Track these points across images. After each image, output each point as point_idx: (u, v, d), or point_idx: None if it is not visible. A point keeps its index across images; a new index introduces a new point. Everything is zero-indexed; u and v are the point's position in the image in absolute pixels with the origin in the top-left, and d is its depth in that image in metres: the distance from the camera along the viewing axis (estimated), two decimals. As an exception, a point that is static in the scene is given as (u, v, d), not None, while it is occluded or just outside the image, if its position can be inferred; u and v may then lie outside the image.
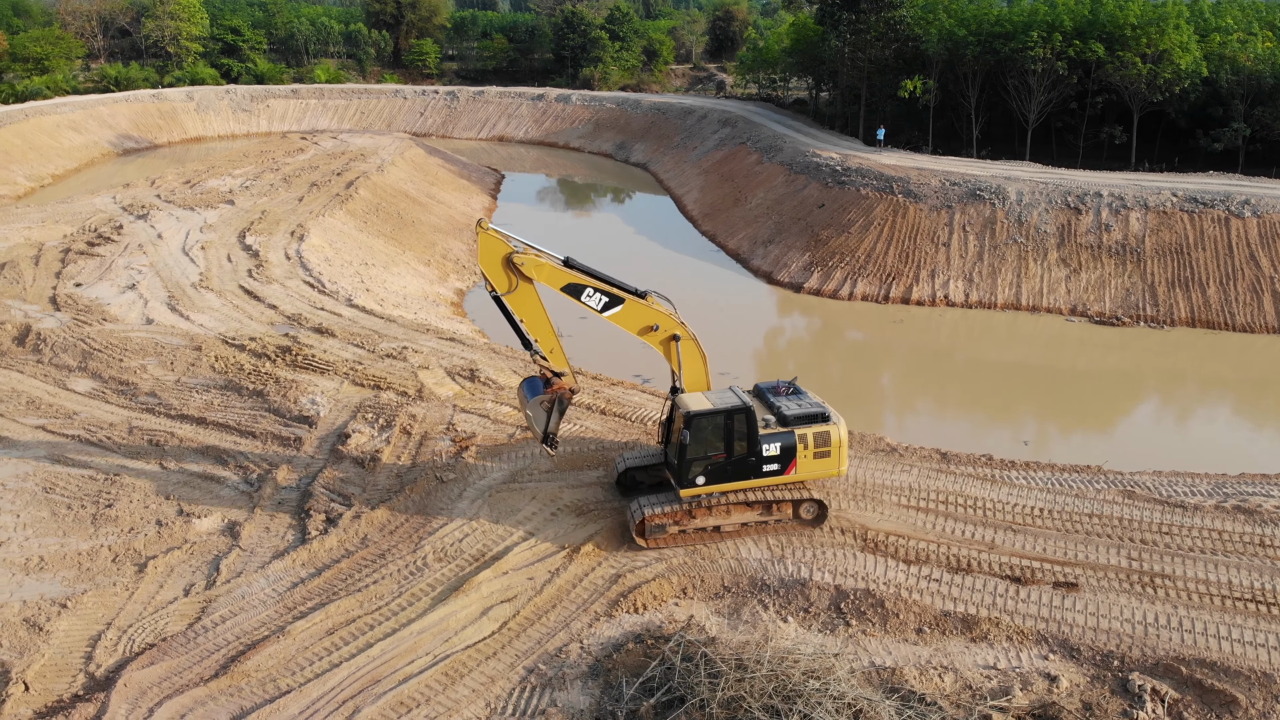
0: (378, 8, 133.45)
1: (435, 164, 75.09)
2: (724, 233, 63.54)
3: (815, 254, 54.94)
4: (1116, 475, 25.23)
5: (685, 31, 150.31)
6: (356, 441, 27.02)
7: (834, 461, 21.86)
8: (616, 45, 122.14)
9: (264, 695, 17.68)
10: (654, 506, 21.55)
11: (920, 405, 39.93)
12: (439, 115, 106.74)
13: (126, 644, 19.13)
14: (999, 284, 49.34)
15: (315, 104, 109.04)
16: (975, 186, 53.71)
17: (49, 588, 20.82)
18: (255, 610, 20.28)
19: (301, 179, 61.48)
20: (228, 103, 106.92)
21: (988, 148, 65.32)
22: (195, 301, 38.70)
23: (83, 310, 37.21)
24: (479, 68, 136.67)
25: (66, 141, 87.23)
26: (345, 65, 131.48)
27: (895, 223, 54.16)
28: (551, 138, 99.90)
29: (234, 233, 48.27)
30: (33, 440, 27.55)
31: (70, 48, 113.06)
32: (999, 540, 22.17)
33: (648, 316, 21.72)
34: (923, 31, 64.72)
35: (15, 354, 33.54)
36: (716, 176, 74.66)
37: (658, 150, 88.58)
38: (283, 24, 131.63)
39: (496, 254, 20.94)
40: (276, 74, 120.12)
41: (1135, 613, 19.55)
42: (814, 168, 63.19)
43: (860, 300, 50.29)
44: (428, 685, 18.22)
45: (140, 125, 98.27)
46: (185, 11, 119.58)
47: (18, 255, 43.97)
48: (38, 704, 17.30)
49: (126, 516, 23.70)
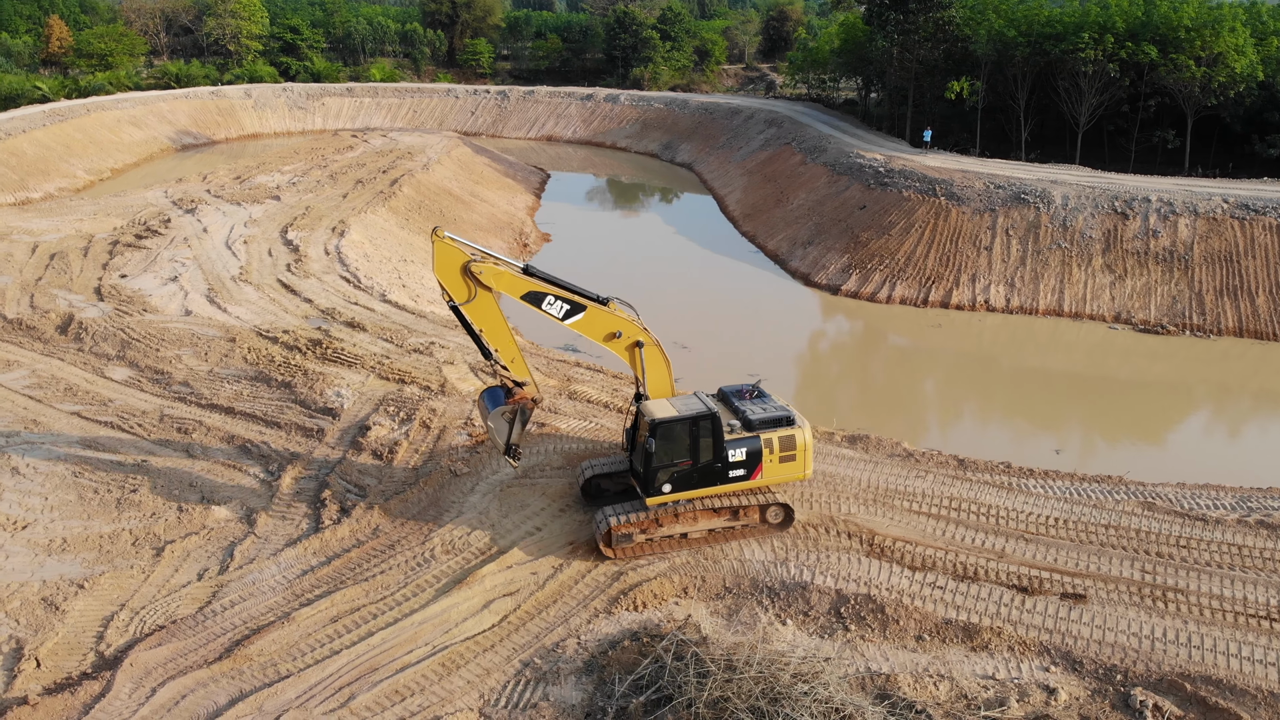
0: (433, 7, 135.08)
1: (481, 163, 75.80)
2: (764, 233, 63.27)
3: (854, 256, 54.44)
4: (1138, 486, 24.64)
5: (739, 31, 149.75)
6: (376, 434, 27.43)
7: (799, 465, 21.82)
8: (667, 45, 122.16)
9: (263, 679, 18.07)
10: (620, 516, 21.26)
11: (954, 411, 39.44)
12: (490, 114, 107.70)
13: (138, 625, 19.68)
14: (1041, 289, 48.44)
15: (369, 102, 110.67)
16: (1020, 190, 52.77)
17: (69, 568, 21.49)
18: (264, 596, 20.72)
19: (348, 176, 62.51)
20: (284, 100, 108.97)
21: (1037, 150, 64.15)
22: (233, 294, 39.58)
23: (125, 301, 38.28)
24: (532, 67, 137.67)
25: (127, 137, 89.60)
26: (401, 64, 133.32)
27: (936, 225, 53.44)
28: (599, 137, 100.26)
29: (277, 228, 49.26)
30: (67, 426, 28.42)
31: (134, 45, 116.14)
32: (1010, 549, 21.80)
33: (610, 323, 21.21)
34: (971, 32, 63.71)
35: (58, 342, 34.62)
36: (760, 177, 74.34)
37: (703, 150, 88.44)
38: (340, 23, 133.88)
39: (454, 263, 20.27)
40: (333, 72, 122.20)
41: (1143, 627, 19.10)
42: (857, 169, 62.62)
43: (898, 303, 49.71)
44: (424, 675, 18.46)
45: (199, 121, 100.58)
46: (246, 10, 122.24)
47: (68, 246, 45.37)
48: (47, 680, 17.87)
49: (149, 502, 24.35)
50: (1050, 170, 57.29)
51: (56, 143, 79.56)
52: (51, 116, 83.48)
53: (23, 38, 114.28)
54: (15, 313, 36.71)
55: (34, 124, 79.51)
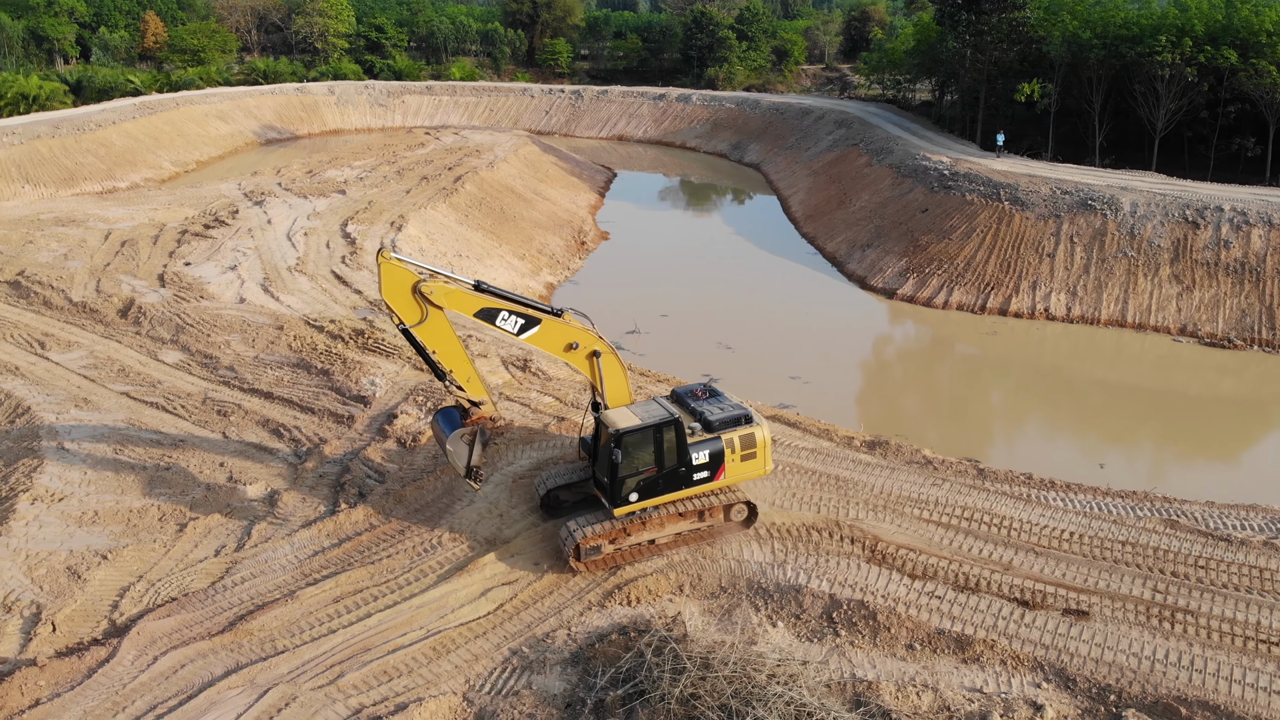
0: (515, 7, 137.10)
1: (548, 161, 76.63)
2: (824, 235, 62.68)
3: (913, 260, 53.58)
4: (1164, 503, 23.80)
5: (820, 32, 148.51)
6: (403, 423, 28.07)
7: (760, 462, 21.81)
8: (743, 45, 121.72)
9: (260, 653, 18.70)
10: (587, 529, 20.91)
11: (1000, 419, 38.57)
12: (563, 114, 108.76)
13: (152, 596, 20.54)
14: (1104, 299, 46.99)
15: (447, 100, 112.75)
16: (1087, 196, 51.26)
17: (96, 540, 22.51)
18: (273, 574, 21.41)
19: (414, 172, 63.88)
20: (366, 97, 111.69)
21: (1112, 156, 62.16)
22: (287, 284, 40.86)
23: (184, 288, 39.84)
24: (610, 67, 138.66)
25: (213, 130, 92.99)
26: (481, 63, 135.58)
27: (999, 230, 52.26)
28: (669, 137, 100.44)
29: (338, 221, 50.64)
30: (116, 405, 29.75)
31: (225, 41, 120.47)
32: (1017, 562, 21.29)
33: (567, 334, 20.81)
34: (1045, 33, 62.05)
35: (118, 325, 36.23)
36: (825, 178, 73.62)
37: (771, 151, 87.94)
38: (424, 22, 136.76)
39: (403, 284, 19.55)
40: (414, 71, 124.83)
41: (1145, 647, 18.47)
42: (921, 171, 61.58)
43: (955, 309, 48.80)
44: (414, 657, 18.88)
45: (283, 117, 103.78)
46: (333, 9, 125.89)
47: (139, 234, 47.41)
48: (60, 644, 18.78)
49: (180, 479, 25.35)
50: (1122, 176, 55.46)
51: (145, 135, 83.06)
52: (142, 109, 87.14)
53: (120, 32, 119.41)
54: (81, 296, 38.52)
55: (124, 116, 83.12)
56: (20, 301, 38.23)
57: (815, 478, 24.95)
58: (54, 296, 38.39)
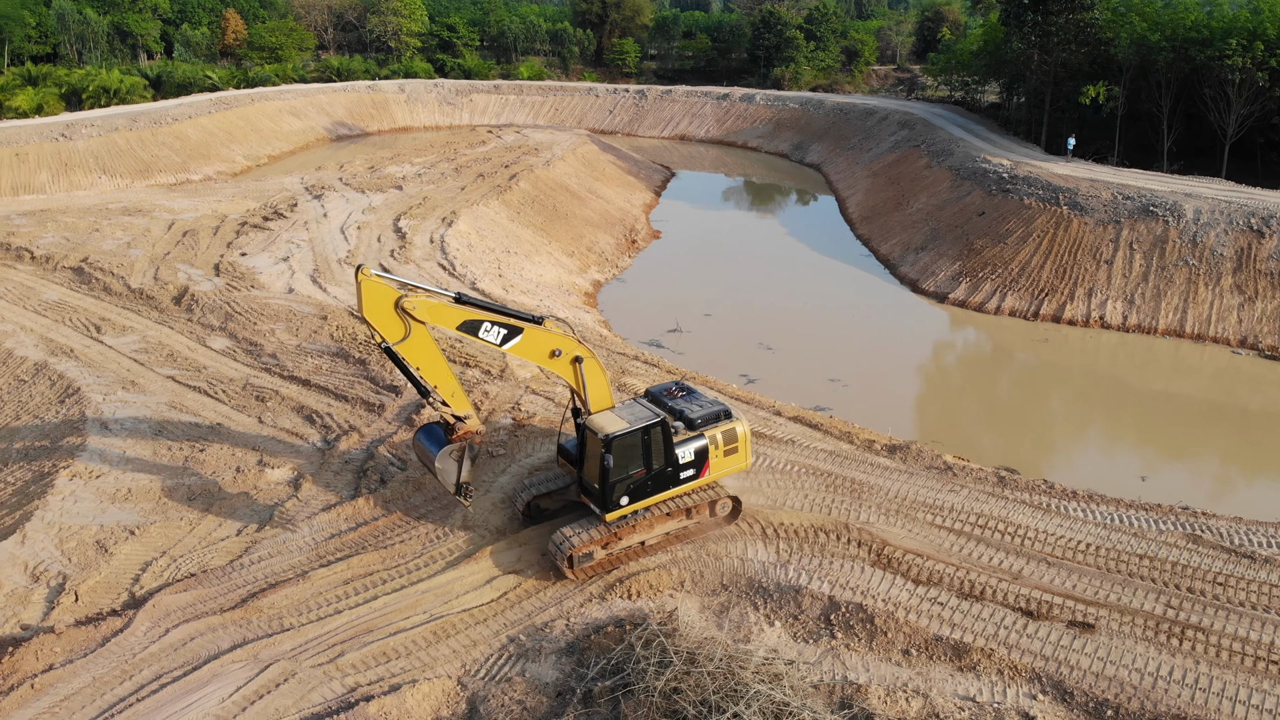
0: (584, 7, 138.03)
1: (606, 160, 77.06)
2: (878, 237, 61.98)
3: (966, 264, 52.70)
4: (1188, 517, 23.10)
5: (892, 32, 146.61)
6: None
7: (742, 456, 21.94)
8: (811, 45, 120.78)
9: (266, 630, 19.33)
10: (580, 536, 20.72)
11: (1042, 427, 37.63)
12: (627, 113, 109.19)
13: (172, 571, 21.36)
14: (1162, 308, 45.62)
15: (514, 99, 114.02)
16: (1149, 202, 49.82)
17: (126, 516, 23.46)
18: (290, 555, 22.07)
19: (471, 170, 64.85)
20: (435, 96, 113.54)
21: (1180, 161, 60.23)
22: (335, 275, 41.90)
23: (237, 277, 41.12)
24: (677, 67, 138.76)
25: (286, 126, 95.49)
26: (550, 63, 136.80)
27: (1056, 236, 51.11)
28: (731, 137, 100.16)
29: (391, 216, 51.71)
30: (161, 388, 30.89)
31: (302, 39, 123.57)
32: (1027, 571, 20.90)
33: (550, 342, 20.62)
34: (1113, 35, 60.37)
35: (171, 311, 37.57)
36: (884, 179, 72.73)
37: (833, 151, 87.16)
38: (495, 22, 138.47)
39: (385, 300, 19.04)
40: (484, 70, 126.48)
41: (1150, 663, 18.00)
42: (981, 174, 60.49)
43: (1007, 315, 47.86)
44: (414, 640, 19.33)
45: (354, 114, 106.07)
46: (407, 9, 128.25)
47: (201, 225, 49.05)
48: (80, 614, 19.66)
49: (212, 461, 26.24)
50: (1187, 183, 53.76)
51: (220, 129, 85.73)
52: (218, 104, 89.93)
53: (202, 29, 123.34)
54: (139, 283, 40.03)
55: (200, 111, 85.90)
56: (82, 287, 39.89)
57: (830, 480, 24.79)
58: (113, 283, 39.98)
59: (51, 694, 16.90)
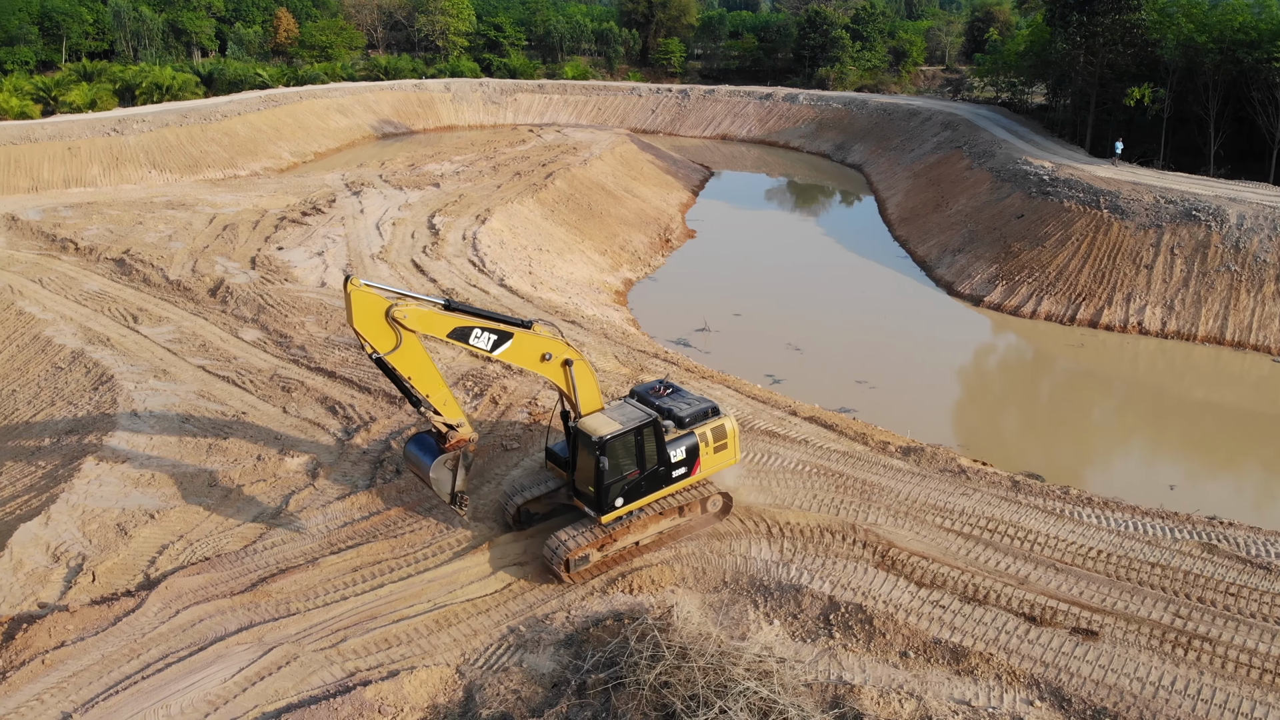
0: (630, 6, 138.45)
1: (645, 160, 77.23)
2: (916, 238, 61.44)
3: (1003, 266, 52.06)
4: (1206, 526, 22.63)
5: (942, 33, 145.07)
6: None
7: (731, 452, 21.97)
8: (857, 45, 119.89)
9: (273, 614, 19.75)
10: (576, 540, 20.59)
11: (1071, 434, 37.01)
12: (669, 113, 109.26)
13: (188, 555, 21.88)
14: (1202, 314, 44.68)
15: (558, 99, 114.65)
16: (1192, 206, 48.81)
17: (148, 500, 24.07)
18: (302, 541, 22.50)
19: (509, 168, 65.39)
20: (480, 95, 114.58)
21: (1228, 165, 58.83)
22: (368, 271, 42.54)
23: (272, 270, 41.94)
24: (722, 67, 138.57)
25: (333, 123, 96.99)
26: (595, 62, 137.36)
27: (1095, 239, 50.29)
28: (773, 137, 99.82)
29: (427, 212, 52.35)
30: (191, 377, 31.63)
31: (352, 38, 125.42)
32: (1034, 576, 20.64)
33: (540, 345, 20.52)
34: (1159, 36, 59.13)
35: (207, 303, 38.43)
36: (924, 181, 72.04)
37: (875, 152, 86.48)
38: (541, 21, 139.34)
39: (375, 311, 18.78)
40: (529, 69, 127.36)
41: (1152, 673, 17.70)
42: (1021, 176, 59.71)
43: (1043, 319, 47.22)
44: (415, 628, 19.62)
45: (400, 112, 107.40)
46: (455, 8, 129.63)
47: (241, 219, 50.07)
48: (96, 593, 20.23)
49: (234, 449, 26.82)
50: (1233, 187, 52.54)
51: (268, 126, 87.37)
52: (267, 102, 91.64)
53: (255, 28, 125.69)
54: (177, 275, 41.00)
55: (249, 108, 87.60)
56: (122, 278, 40.96)
57: (840, 480, 24.69)
58: (153, 274, 40.99)
59: (60, 670, 17.45)
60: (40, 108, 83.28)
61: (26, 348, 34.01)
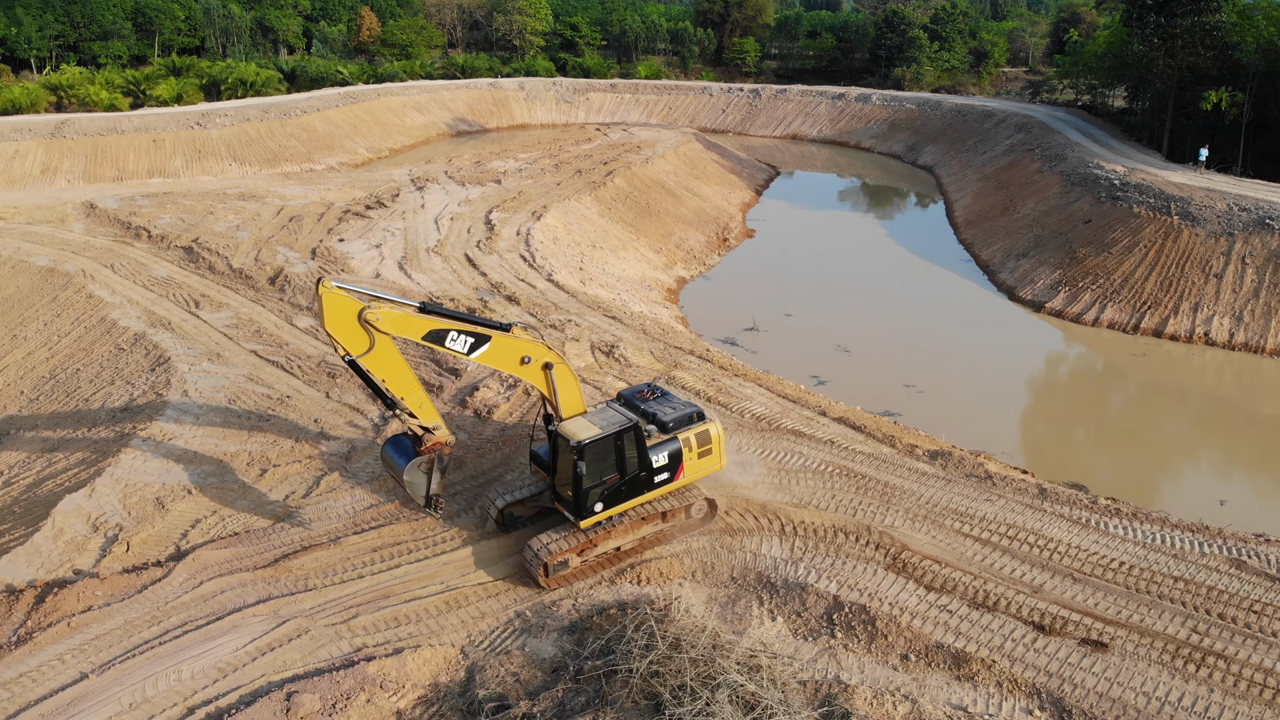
0: (706, 6, 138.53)
1: (709, 159, 77.23)
2: (981, 242, 60.31)
3: (1067, 272, 50.84)
4: (1238, 541, 21.87)
5: (1026, 34, 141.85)
6: (482, 396, 29.57)
7: (716, 458, 21.72)
8: (935, 45, 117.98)
9: (290, 589, 20.46)
10: (555, 545, 20.45)
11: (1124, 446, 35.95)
12: (740, 112, 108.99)
13: (219, 529, 22.78)
14: (1272, 326, 43.03)
15: (629, 98, 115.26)
16: (1266, 214, 47.05)
17: (188, 476, 25.10)
18: (328, 521, 23.22)
19: (570, 166, 66.06)
20: (553, 94, 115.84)
21: (1314, 172, 56.44)
22: (422, 263, 43.51)
23: (330, 261, 43.18)
24: (798, 67, 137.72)
25: (409, 120, 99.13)
26: (669, 62, 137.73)
27: (1163, 247, 48.78)
28: (844, 137, 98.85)
29: (485, 208, 53.25)
30: (242, 360, 32.82)
31: (432, 37, 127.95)
32: (1048, 585, 20.23)
33: (519, 349, 20.30)
34: (1239, 39, 56.94)
35: (266, 291, 39.77)
36: (993, 183, 70.62)
37: (947, 153, 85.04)
38: (617, 21, 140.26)
39: (347, 313, 18.71)
40: (603, 69, 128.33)
41: (1160, 688, 17.24)
42: (1091, 180, 58.18)
43: (1105, 327, 46.00)
44: (425, 609, 20.14)
45: (475, 110, 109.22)
46: (532, 8, 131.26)
47: (307, 211, 51.63)
48: (129, 562, 21.21)
49: (276, 430, 27.79)
50: (1317, 195, 50.45)
51: (345, 122, 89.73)
52: (346, 99, 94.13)
53: (340, 26, 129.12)
54: (240, 263, 42.50)
55: (328, 104, 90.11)
56: (189, 265, 42.62)
57: (861, 481, 24.51)
58: (218, 262, 42.57)
59: (85, 633, 18.38)
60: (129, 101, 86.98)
61: (93, 329, 35.67)
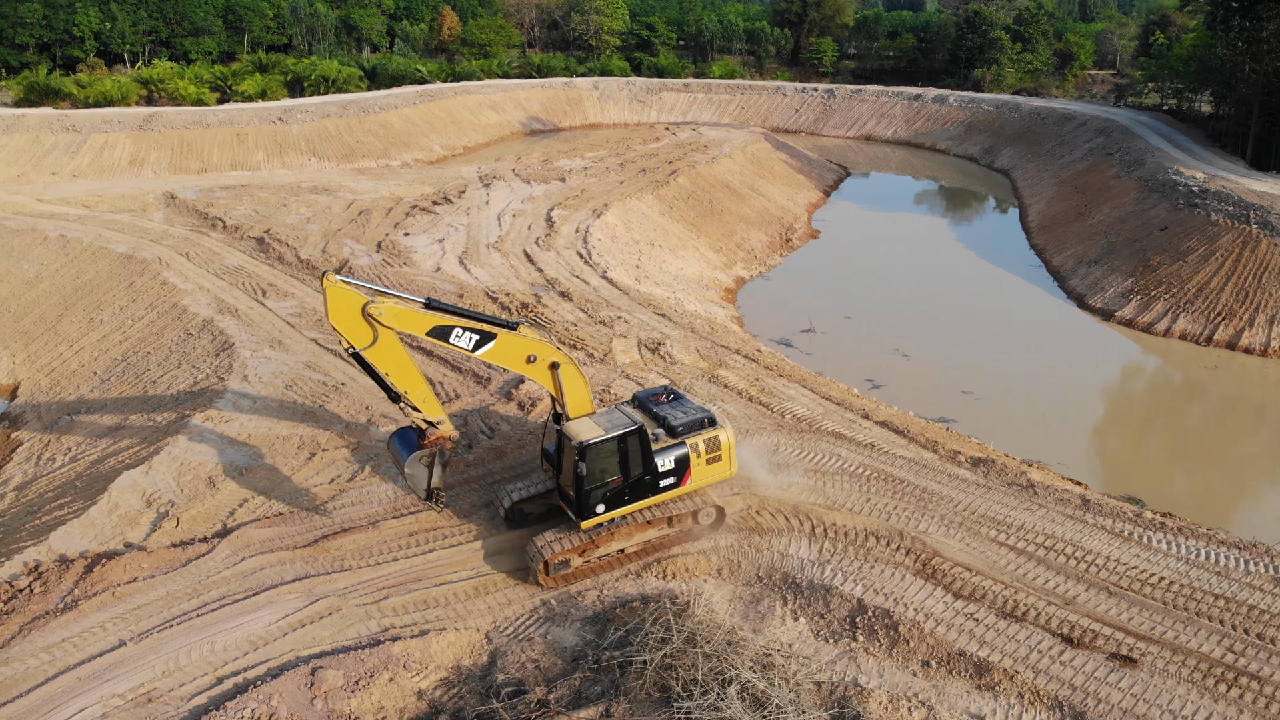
0: (784, 6, 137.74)
1: (777, 158, 76.85)
2: (1053, 248, 58.92)
3: (1139, 281, 49.37)
4: (1285, 560, 21.14)
5: (1115, 35, 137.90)
6: (528, 388, 30.01)
7: (725, 465, 21.47)
8: (1016, 47, 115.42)
9: (326, 568, 21.14)
10: (555, 545, 20.48)
11: (1188, 461, 34.88)
12: (813, 112, 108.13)
13: (265, 509, 23.61)
14: (1354, 340, 41.26)
15: (701, 98, 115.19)
16: (1353, 224, 45.08)
17: (241, 457, 26.04)
18: (368, 505, 23.91)
19: (635, 165, 66.39)
20: (626, 93, 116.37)
21: None
22: (481, 258, 44.27)
23: (394, 254, 44.22)
24: (875, 67, 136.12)
25: (484, 119, 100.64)
26: (745, 62, 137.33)
27: (1241, 256, 47.09)
28: (919, 138, 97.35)
29: (547, 205, 53.89)
30: (302, 348, 33.85)
31: (510, 36, 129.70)
32: (1082, 598, 19.81)
33: (525, 347, 20.31)
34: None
35: (329, 282, 40.88)
36: (1069, 188, 68.87)
37: (1024, 157, 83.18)
38: (694, 21, 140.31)
39: (351, 306, 18.94)
40: (677, 68, 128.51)
41: (1187, 706, 16.80)
42: (1169, 186, 56.45)
43: (1177, 338, 44.57)
44: (455, 593, 20.62)
45: (549, 109, 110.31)
46: (609, 8, 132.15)
47: (376, 206, 52.90)
48: (177, 537, 22.14)
49: (327, 416, 28.65)
50: (1405, 205, 48.16)
51: (422, 120, 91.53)
52: (423, 96, 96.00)
53: (421, 25, 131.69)
54: (308, 254, 43.78)
55: (406, 102, 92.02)
56: (260, 255, 44.06)
57: (899, 486, 24.28)
58: (286, 253, 43.92)
59: (127, 602, 19.26)
60: (216, 96, 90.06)
61: (165, 314, 37.15)
